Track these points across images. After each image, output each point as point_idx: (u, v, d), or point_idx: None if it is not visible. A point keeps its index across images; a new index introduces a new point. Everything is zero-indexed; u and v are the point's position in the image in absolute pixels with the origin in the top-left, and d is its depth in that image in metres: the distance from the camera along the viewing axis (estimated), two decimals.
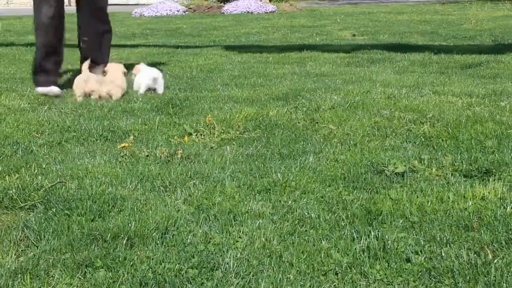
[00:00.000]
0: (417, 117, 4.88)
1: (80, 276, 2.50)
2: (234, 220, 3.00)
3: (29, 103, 5.80)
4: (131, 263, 2.59)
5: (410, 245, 2.72)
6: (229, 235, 2.85)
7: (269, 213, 3.08)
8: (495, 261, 2.57)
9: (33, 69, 6.48)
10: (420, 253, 2.66)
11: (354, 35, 11.72)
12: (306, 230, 2.89)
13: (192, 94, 6.18)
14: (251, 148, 4.22)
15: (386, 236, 2.80)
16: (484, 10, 16.94)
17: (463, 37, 11.02)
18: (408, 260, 2.61)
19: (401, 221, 2.97)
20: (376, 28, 12.83)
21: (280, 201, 3.25)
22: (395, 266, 2.57)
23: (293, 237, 2.82)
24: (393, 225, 2.93)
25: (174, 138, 4.49)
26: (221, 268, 2.55)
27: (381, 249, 2.69)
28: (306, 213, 3.07)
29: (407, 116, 4.91)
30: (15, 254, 2.69)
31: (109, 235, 2.82)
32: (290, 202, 3.22)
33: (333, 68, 7.81)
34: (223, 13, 18.21)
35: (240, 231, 2.88)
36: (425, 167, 3.76)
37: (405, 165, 3.78)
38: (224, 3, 19.02)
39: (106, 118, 5.13)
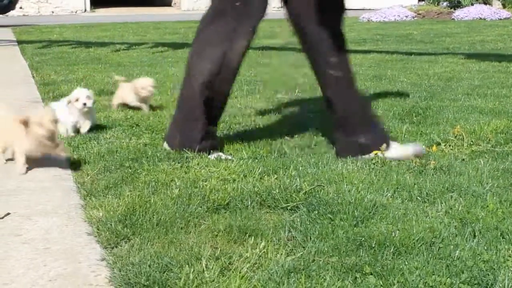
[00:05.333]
0: None
1: (351, 281, 2.55)
2: (502, 238, 2.91)
3: (273, 105, 6.03)
4: (401, 272, 2.59)
5: None
6: (498, 253, 2.76)
7: None
8: None
9: None
10: None
11: None
12: None
13: (433, 103, 6.09)
14: (507, 163, 4.07)
15: None
16: None
17: None
18: None
19: None
20: None
21: None
22: None
23: None
24: None
25: (424, 148, 4.44)
26: (495, 287, 2.48)
27: None
28: None
29: None
30: (285, 253, 2.80)
31: (375, 241, 2.86)
32: None
33: None
34: (453, 19, 17.76)
35: (509, 250, 2.79)
36: None
37: None
38: (455, 9, 18.53)
39: None
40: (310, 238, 2.94)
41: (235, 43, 4.17)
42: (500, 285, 2.49)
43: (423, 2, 21.49)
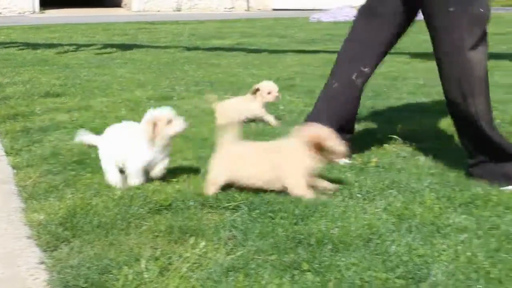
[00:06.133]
0: None
1: (289, 278, 2.58)
2: (437, 233, 2.97)
3: None
4: (338, 268, 2.63)
5: None
6: (433, 248, 2.82)
7: (474, 228, 3.02)
8: None
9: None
10: None
11: None
12: None
13: (378, 102, 6.18)
14: (446, 160, 4.15)
15: None
16: None
17: None
18: None
19: None
20: None
21: (482, 216, 3.18)
22: None
23: (500, 254, 2.75)
24: None
25: (370, 146, 4.50)
26: (428, 280, 2.54)
27: None
28: None
29: None
30: (225, 252, 2.82)
31: (314, 239, 2.89)
32: (494, 217, 3.15)
33: None
34: None
35: (444, 244, 2.85)
36: None
37: None
38: None
39: (296, 123, 5.23)
40: (251, 237, 2.96)
41: None
42: (433, 279, 2.54)
43: None
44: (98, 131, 4.93)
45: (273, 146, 3.61)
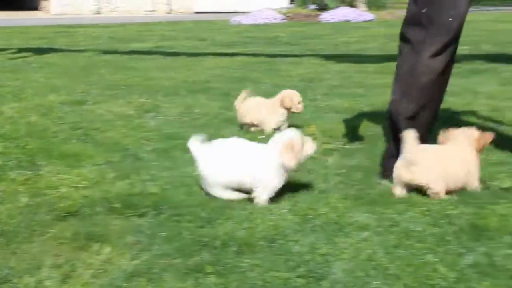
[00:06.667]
0: None
1: (192, 281, 2.59)
2: (340, 232, 3.04)
3: (134, 110, 6.01)
4: (241, 270, 2.66)
5: None
6: (335, 246, 2.89)
7: (374, 225, 3.10)
8: None
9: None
10: None
11: None
12: (411, 244, 2.90)
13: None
14: (354, 160, 4.25)
15: (494, 252, 2.77)
16: None
17: None
18: None
19: (509, 237, 2.94)
20: (478, 37, 12.55)
21: (384, 214, 3.27)
22: (503, 283, 2.54)
23: (399, 250, 2.84)
24: (501, 241, 2.90)
25: None
26: (328, 279, 2.60)
27: (489, 266, 2.67)
28: (411, 227, 3.08)
29: None
30: (130, 257, 2.82)
31: (219, 242, 2.92)
32: (394, 215, 3.24)
33: None
34: (320, 21, 18.25)
35: (345, 243, 2.92)
36: None
37: None
38: (322, 12, 19.05)
39: (209, 126, 5.26)
40: (156, 242, 2.96)
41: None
42: (334, 276, 2.60)
43: (293, 5, 21.97)
44: (7, 137, 4.86)
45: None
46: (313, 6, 19.80)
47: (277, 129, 5.00)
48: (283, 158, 3.40)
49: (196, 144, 3.56)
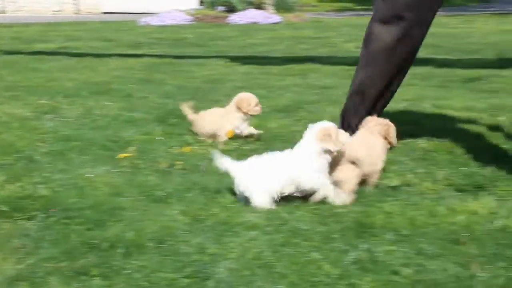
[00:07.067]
0: (416, 131, 4.94)
1: (77, 284, 2.57)
2: (229, 231, 3.07)
3: (32, 112, 5.88)
4: (128, 271, 2.65)
5: (399, 258, 2.78)
6: (223, 246, 2.91)
7: (263, 224, 3.15)
8: (481, 274, 2.63)
9: None
10: (408, 265, 2.72)
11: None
12: (298, 242, 2.96)
13: (195, 105, 6.25)
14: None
15: (376, 249, 2.86)
16: (490, 24, 16.93)
17: (466, 50, 11.05)
18: (396, 272, 2.67)
19: (392, 234, 3.04)
20: None
21: (274, 213, 3.32)
22: (383, 278, 2.63)
23: (285, 249, 2.89)
24: (384, 238, 2.99)
25: (175, 149, 4.56)
26: (213, 278, 2.62)
27: (371, 262, 2.75)
28: (299, 225, 3.14)
29: (406, 130, 4.96)
30: (14, 262, 2.76)
31: (107, 244, 2.90)
32: (284, 214, 3.29)
33: (336, 80, 7.88)
34: (229, 23, 18.30)
35: (233, 242, 2.95)
36: (420, 181, 3.84)
37: (400, 179, 3.86)
38: (230, 14, 19.10)
39: (108, 128, 5.21)
40: (43, 245, 2.92)
41: None
42: (219, 276, 2.63)
43: (202, 6, 21.94)
44: None
45: None
46: (221, 8, 19.82)
47: (237, 133, 4.88)
48: (324, 144, 3.40)
49: (229, 161, 3.55)
